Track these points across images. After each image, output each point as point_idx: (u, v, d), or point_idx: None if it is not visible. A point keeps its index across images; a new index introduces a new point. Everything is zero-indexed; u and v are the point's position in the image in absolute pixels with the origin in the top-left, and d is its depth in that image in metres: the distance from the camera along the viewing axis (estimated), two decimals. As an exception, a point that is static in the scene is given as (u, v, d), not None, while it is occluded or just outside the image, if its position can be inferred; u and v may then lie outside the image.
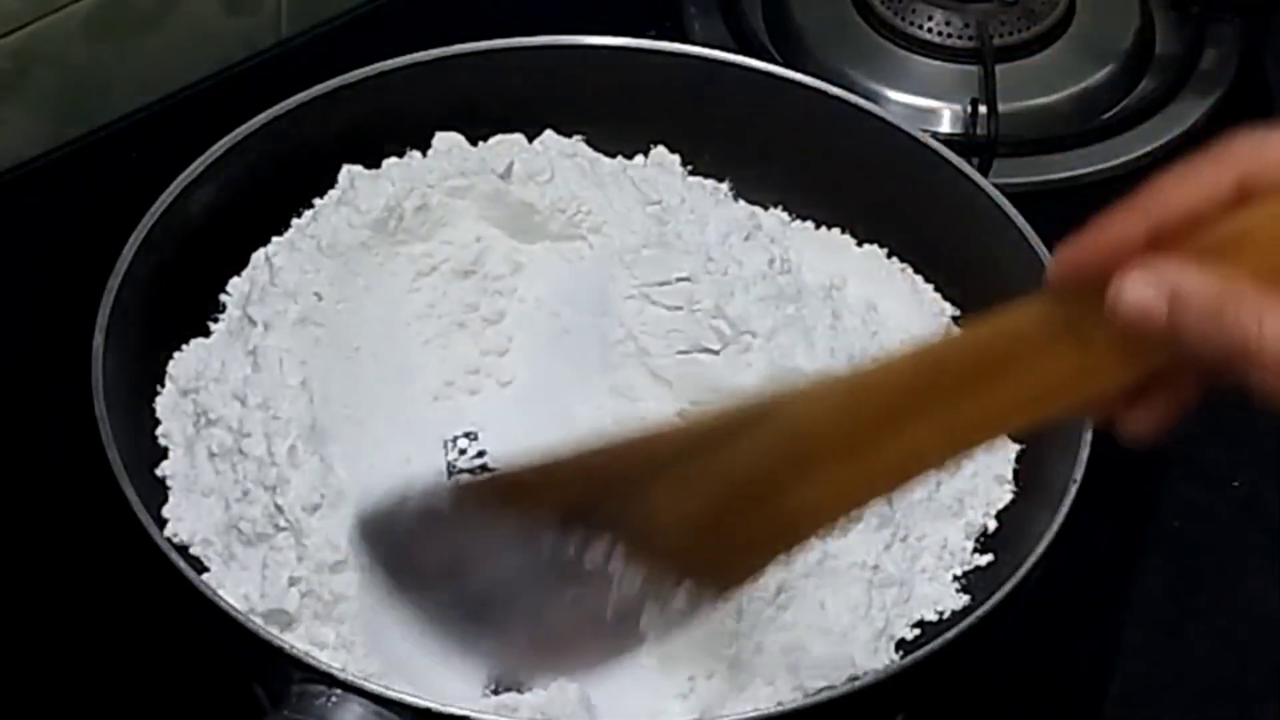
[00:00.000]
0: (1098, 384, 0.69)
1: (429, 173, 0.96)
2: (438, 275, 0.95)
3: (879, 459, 0.72)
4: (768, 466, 0.73)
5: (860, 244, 1.01)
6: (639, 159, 1.02)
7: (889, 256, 1.00)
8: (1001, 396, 0.70)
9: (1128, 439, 0.70)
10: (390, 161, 0.97)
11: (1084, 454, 0.86)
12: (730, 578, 0.76)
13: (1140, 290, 0.65)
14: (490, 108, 1.01)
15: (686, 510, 0.74)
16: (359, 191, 0.94)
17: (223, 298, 0.94)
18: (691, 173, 1.02)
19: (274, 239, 0.95)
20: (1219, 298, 0.63)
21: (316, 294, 0.91)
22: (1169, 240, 0.66)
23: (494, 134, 0.99)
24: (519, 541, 0.76)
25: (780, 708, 0.80)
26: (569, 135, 1.00)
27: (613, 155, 1.01)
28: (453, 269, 0.95)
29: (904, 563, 0.88)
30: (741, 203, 1.01)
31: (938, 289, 0.99)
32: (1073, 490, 0.85)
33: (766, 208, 1.02)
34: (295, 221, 0.96)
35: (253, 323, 0.91)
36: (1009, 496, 0.91)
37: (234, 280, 0.94)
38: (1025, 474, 0.92)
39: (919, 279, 0.99)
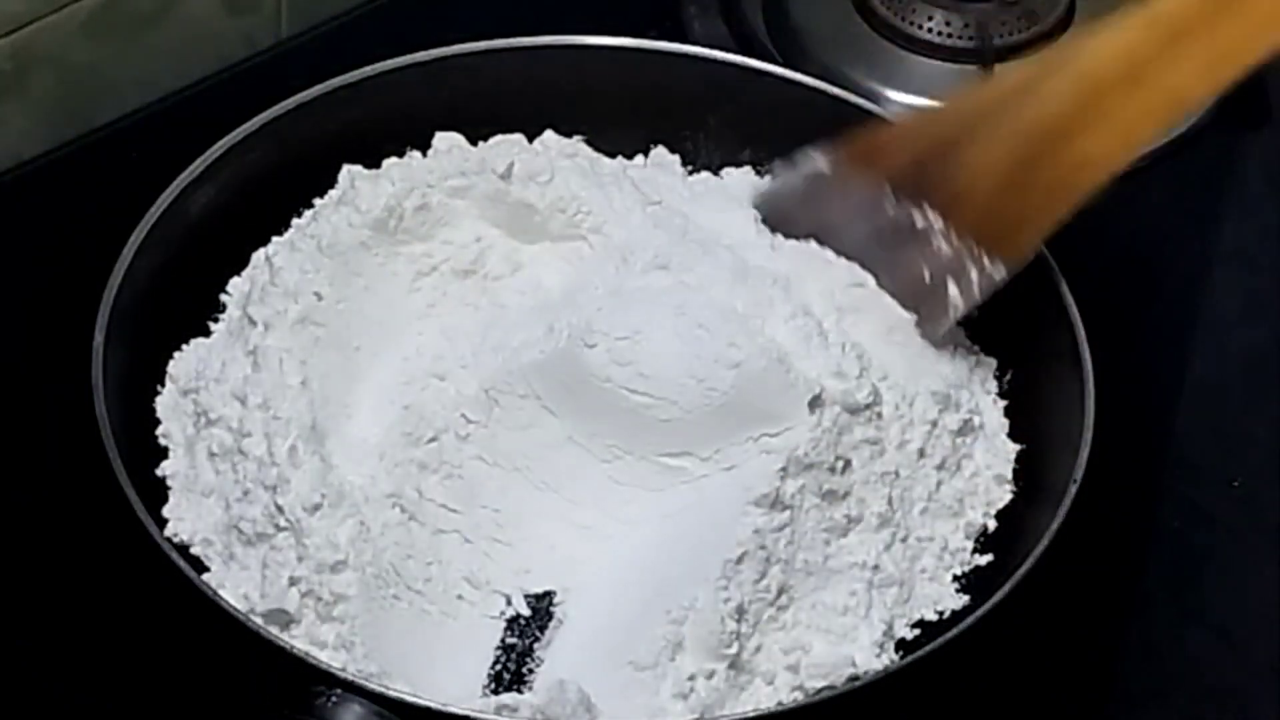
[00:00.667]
0: None
1: (429, 173, 0.96)
2: (437, 275, 0.95)
3: (1151, 96, 0.83)
4: (1060, 112, 0.84)
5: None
6: (639, 159, 1.02)
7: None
8: (1250, 20, 0.80)
9: None
10: (390, 162, 0.97)
11: (1084, 454, 0.86)
12: (1022, 243, 0.87)
13: None
14: (490, 108, 1.01)
15: (990, 166, 0.86)
16: (359, 191, 0.94)
17: (223, 298, 0.94)
18: (691, 172, 1.02)
19: (274, 239, 0.95)
20: None
21: (316, 294, 0.91)
22: None
23: (494, 134, 0.99)
24: (861, 208, 0.91)
25: (780, 708, 0.81)
26: (569, 135, 1.00)
27: (613, 155, 1.01)
28: (453, 269, 0.95)
29: (904, 563, 0.88)
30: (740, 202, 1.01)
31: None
32: (1073, 490, 0.85)
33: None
34: (295, 221, 0.96)
35: (253, 323, 0.91)
36: (1009, 496, 0.91)
37: (234, 280, 0.94)
38: (1025, 474, 0.92)
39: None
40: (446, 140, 0.98)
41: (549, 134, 1.00)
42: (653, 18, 1.16)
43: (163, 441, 0.90)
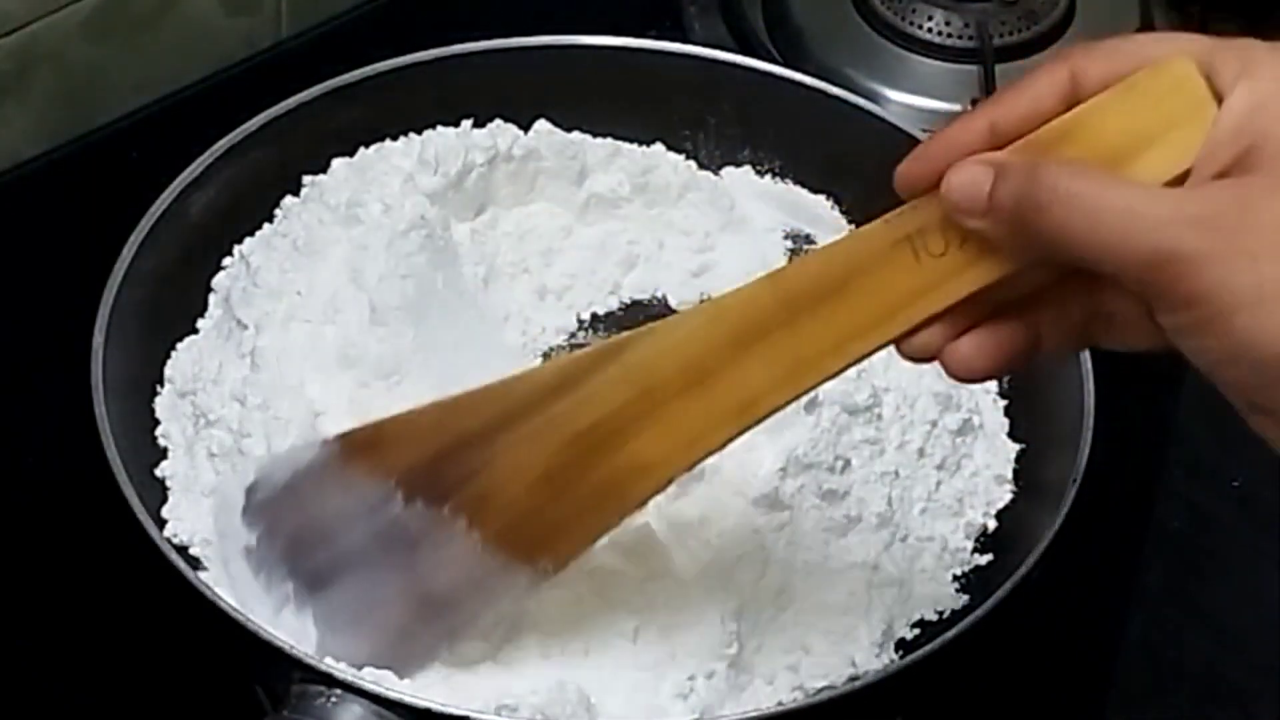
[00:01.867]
0: (933, 298, 0.69)
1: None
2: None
3: (718, 397, 0.73)
4: (611, 410, 0.74)
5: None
6: (638, 157, 1.02)
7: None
8: (839, 319, 0.70)
9: (959, 371, 0.69)
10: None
11: (1084, 454, 0.86)
12: (563, 550, 0.77)
13: (968, 170, 0.66)
14: (490, 107, 1.01)
15: (523, 465, 0.75)
16: (325, 188, 0.94)
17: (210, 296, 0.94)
18: (693, 172, 1.02)
19: (247, 238, 0.95)
20: (1034, 166, 0.65)
21: (298, 292, 0.91)
22: (1007, 142, 0.67)
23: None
24: (360, 508, 0.78)
25: (780, 708, 0.80)
26: (569, 133, 1.00)
27: (612, 154, 1.01)
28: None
29: (904, 563, 0.88)
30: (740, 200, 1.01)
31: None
32: (1073, 490, 0.85)
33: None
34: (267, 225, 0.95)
35: (243, 325, 0.90)
36: (1009, 496, 0.91)
37: (218, 278, 0.94)
38: (1025, 474, 0.92)
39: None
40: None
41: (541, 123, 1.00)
42: (652, 17, 1.16)
43: (162, 442, 0.90)
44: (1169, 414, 1.03)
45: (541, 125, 0.98)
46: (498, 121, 0.97)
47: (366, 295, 0.89)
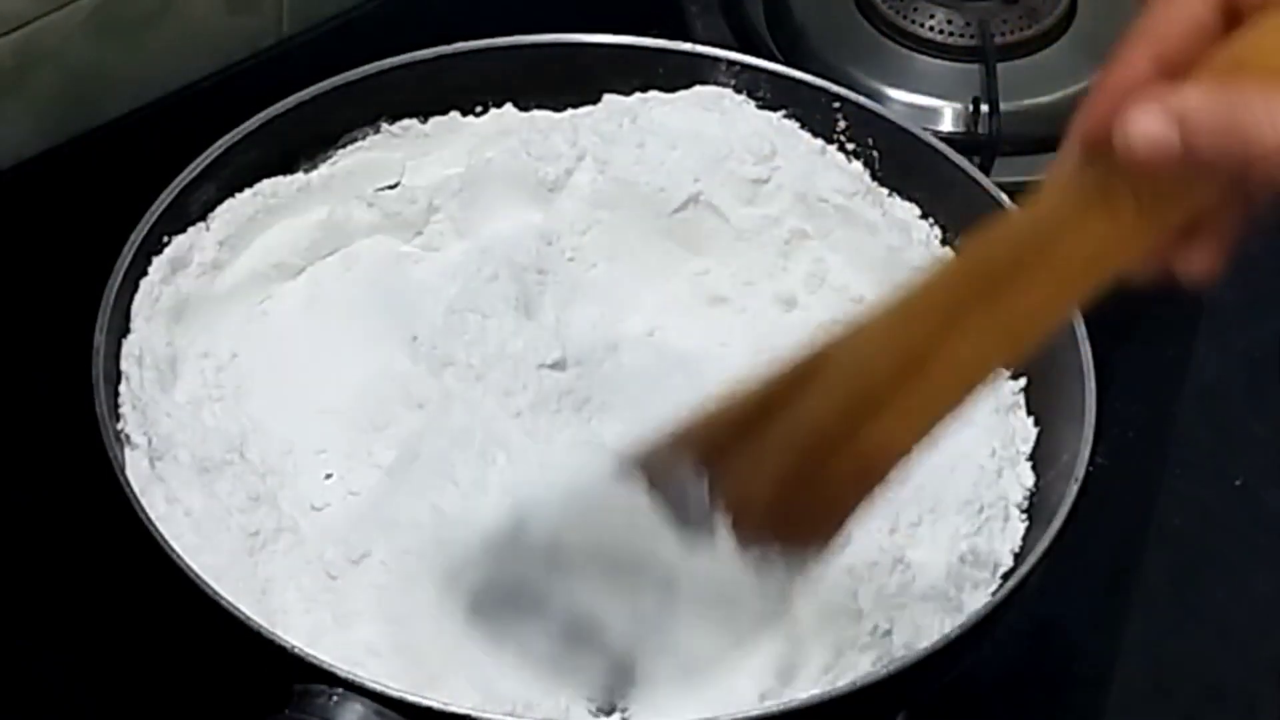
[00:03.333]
0: (1137, 243, 0.69)
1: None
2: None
3: (940, 375, 0.74)
4: (834, 414, 0.75)
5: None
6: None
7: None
8: (1045, 281, 0.71)
9: (1186, 283, 0.69)
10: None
11: (1084, 453, 0.86)
12: (823, 533, 0.79)
13: (1146, 123, 0.64)
14: (490, 106, 1.01)
15: (768, 474, 0.77)
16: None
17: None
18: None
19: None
20: (1227, 108, 0.63)
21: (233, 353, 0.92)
22: (1174, 70, 0.65)
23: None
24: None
25: (780, 707, 0.80)
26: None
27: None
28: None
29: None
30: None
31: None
32: (1073, 489, 0.85)
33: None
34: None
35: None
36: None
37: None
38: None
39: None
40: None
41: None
42: (654, 16, 1.15)
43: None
44: (1169, 413, 1.03)
45: None
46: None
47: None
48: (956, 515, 0.90)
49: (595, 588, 0.83)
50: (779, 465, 0.77)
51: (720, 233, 0.98)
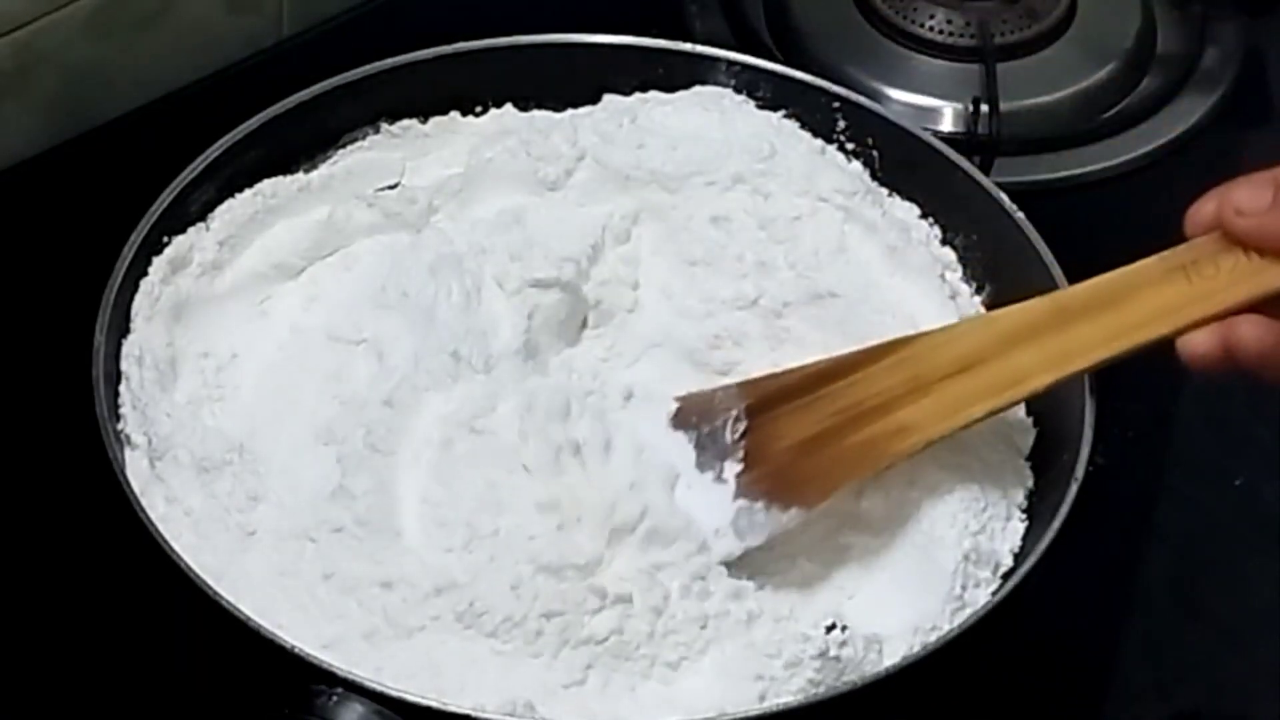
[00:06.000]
0: (1205, 306, 0.78)
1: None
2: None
3: (986, 377, 0.82)
4: (881, 390, 0.83)
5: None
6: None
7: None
8: (1111, 323, 0.80)
9: (1238, 360, 0.78)
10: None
11: (1084, 454, 0.86)
12: (813, 495, 0.84)
13: (1249, 188, 0.77)
14: (490, 107, 1.01)
15: (800, 428, 0.84)
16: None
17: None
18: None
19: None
20: None
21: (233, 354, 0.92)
22: None
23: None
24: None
25: (780, 707, 0.80)
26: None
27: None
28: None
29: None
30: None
31: (939, 287, 0.99)
32: (1073, 489, 0.85)
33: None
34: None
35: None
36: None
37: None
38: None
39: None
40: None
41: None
42: (654, 16, 1.16)
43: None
44: (1169, 414, 1.03)
45: None
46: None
47: None
48: (962, 514, 0.90)
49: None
50: (815, 420, 0.84)
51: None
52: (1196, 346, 0.78)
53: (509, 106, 1.01)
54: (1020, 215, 0.95)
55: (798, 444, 0.84)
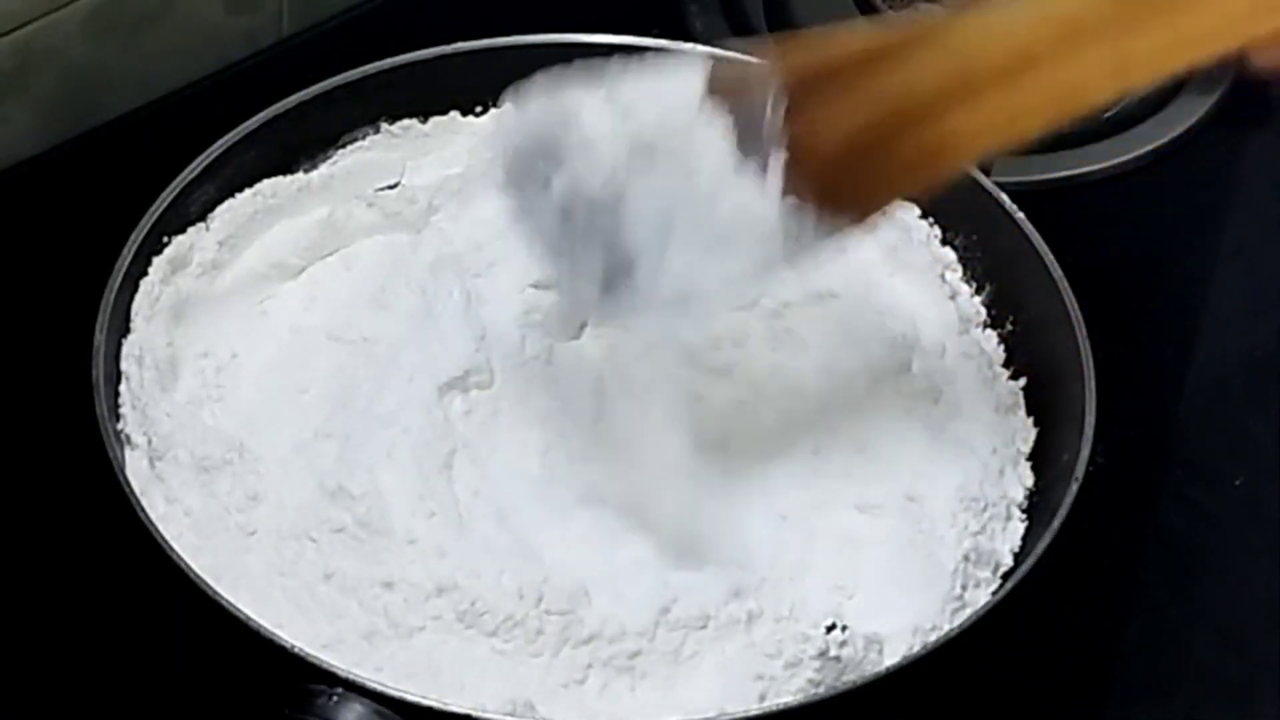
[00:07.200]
0: (1267, 21, 0.72)
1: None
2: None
3: (1042, 85, 0.75)
4: (931, 86, 0.76)
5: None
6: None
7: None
8: (1171, 32, 0.73)
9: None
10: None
11: (1084, 453, 0.86)
12: (862, 210, 0.79)
13: None
14: (490, 107, 1.01)
15: (842, 127, 0.77)
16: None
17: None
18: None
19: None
20: None
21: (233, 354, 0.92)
22: None
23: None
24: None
25: (780, 707, 0.80)
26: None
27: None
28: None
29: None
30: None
31: (939, 288, 0.99)
32: (1073, 489, 0.85)
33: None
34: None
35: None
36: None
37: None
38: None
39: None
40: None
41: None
42: (654, 14, 1.15)
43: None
44: (1169, 414, 1.03)
45: None
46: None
47: None
48: (962, 514, 0.90)
49: (634, 178, 0.80)
50: (858, 121, 0.77)
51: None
52: (1271, 59, 0.73)
53: (509, 106, 1.01)
54: (1020, 215, 0.95)
55: (844, 140, 0.77)
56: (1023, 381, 0.93)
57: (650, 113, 0.80)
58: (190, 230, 0.94)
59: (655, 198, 0.79)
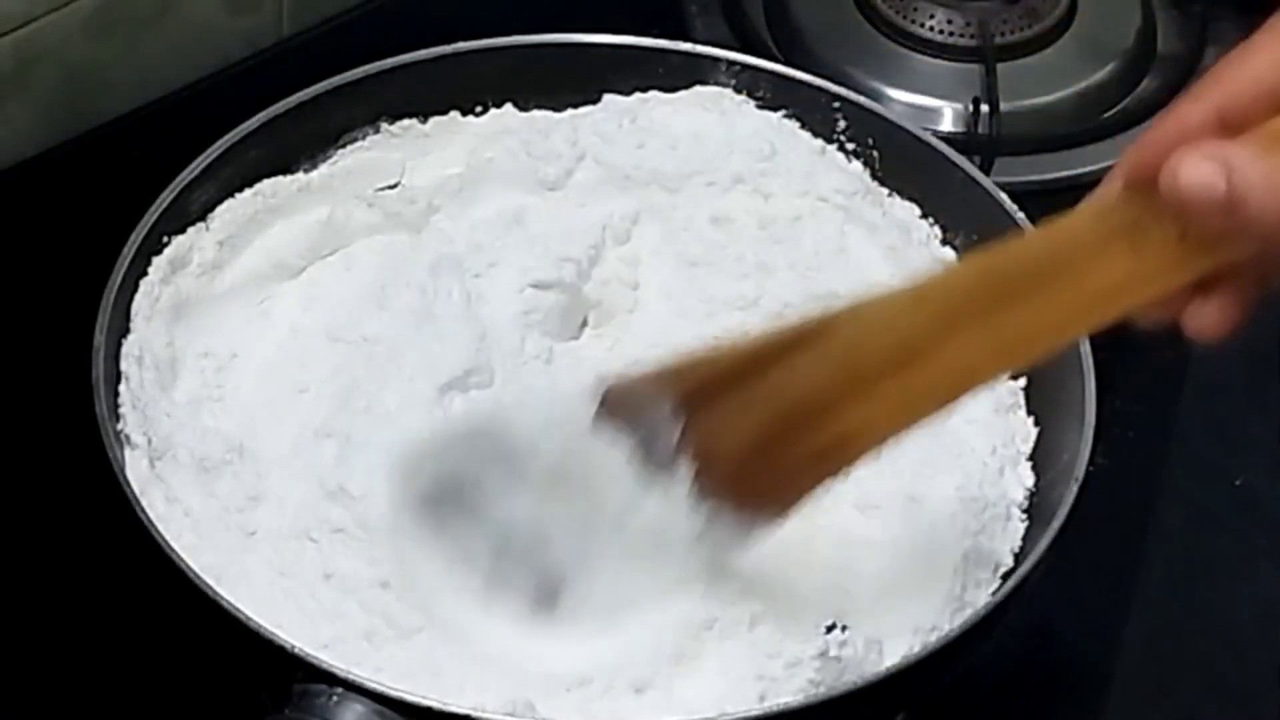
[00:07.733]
0: (1155, 286, 0.69)
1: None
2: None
3: (930, 372, 0.73)
4: (820, 385, 0.75)
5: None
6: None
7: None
8: (1056, 303, 0.71)
9: (1194, 336, 0.70)
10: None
11: (1084, 453, 0.86)
12: (781, 503, 0.78)
13: (1197, 166, 0.64)
14: (490, 107, 1.01)
15: (742, 432, 0.76)
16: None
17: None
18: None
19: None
20: (1276, 172, 0.63)
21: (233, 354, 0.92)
22: (1231, 130, 0.66)
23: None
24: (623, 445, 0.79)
25: (780, 707, 0.80)
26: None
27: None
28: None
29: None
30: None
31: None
32: (1074, 489, 0.85)
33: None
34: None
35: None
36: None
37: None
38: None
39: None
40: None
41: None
42: (654, 16, 1.16)
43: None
44: (1169, 414, 1.03)
45: None
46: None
47: None
48: (962, 514, 0.90)
49: (547, 503, 0.82)
50: (756, 424, 0.76)
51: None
52: (1152, 318, 0.71)
53: (509, 106, 1.01)
54: (1020, 215, 0.94)
55: (747, 443, 0.77)
56: (1023, 381, 0.92)
57: (552, 442, 0.82)
58: (190, 230, 0.94)
59: (573, 522, 0.81)
